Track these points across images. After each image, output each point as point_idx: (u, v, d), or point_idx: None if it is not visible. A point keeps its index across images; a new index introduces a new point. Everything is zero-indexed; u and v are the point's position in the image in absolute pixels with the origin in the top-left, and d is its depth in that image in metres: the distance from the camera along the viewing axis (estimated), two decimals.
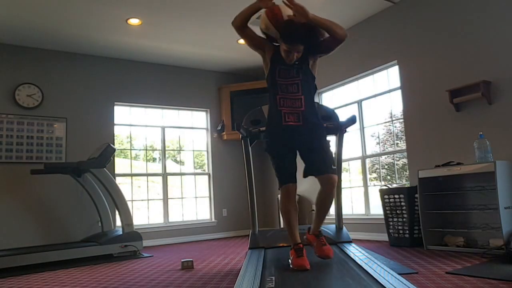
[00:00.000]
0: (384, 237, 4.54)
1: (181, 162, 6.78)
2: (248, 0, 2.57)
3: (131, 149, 6.31)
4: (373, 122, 5.27)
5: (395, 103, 4.94)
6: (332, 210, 5.78)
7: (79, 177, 4.94)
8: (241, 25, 2.60)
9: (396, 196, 4.30)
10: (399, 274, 2.24)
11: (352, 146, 5.41)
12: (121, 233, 4.67)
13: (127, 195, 5.22)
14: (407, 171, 4.68)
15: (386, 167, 5.44)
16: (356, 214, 5.36)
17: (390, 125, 5.20)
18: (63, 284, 3.19)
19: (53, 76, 5.50)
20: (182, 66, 6.52)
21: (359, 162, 5.40)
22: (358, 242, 4.26)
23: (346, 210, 5.15)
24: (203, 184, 6.64)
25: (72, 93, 5.59)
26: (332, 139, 3.43)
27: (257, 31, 2.70)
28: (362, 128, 5.34)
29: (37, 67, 5.40)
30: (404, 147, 4.71)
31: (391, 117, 5.09)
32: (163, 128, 6.43)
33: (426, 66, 4.41)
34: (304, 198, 5.96)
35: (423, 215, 3.93)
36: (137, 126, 6.23)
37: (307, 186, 5.16)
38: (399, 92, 4.74)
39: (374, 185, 5.26)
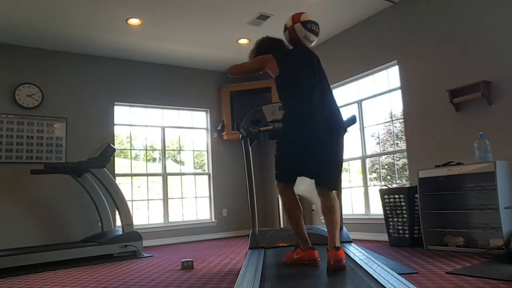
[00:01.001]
0: (384, 237, 4.54)
1: (181, 162, 6.78)
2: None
3: (131, 149, 6.31)
4: (373, 122, 5.27)
5: (395, 103, 4.94)
6: None
7: (79, 177, 4.94)
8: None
9: (396, 196, 4.31)
10: (399, 274, 2.24)
11: (352, 146, 5.41)
12: (121, 233, 4.67)
13: (127, 195, 5.22)
14: (407, 171, 4.68)
15: (386, 167, 5.45)
16: (356, 214, 5.36)
17: (390, 125, 5.20)
18: (63, 284, 3.19)
19: (53, 76, 5.50)
20: (182, 66, 6.52)
21: (359, 162, 5.40)
22: (358, 242, 4.26)
23: (346, 210, 5.16)
24: (203, 184, 6.64)
25: (72, 93, 5.59)
26: None
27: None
28: (362, 128, 5.34)
29: (37, 67, 5.40)
30: (404, 147, 4.71)
31: (391, 117, 5.09)
32: (163, 128, 6.43)
33: (426, 66, 4.41)
34: (304, 198, 5.97)
35: (423, 215, 3.93)
36: (137, 126, 6.23)
37: (307, 186, 5.17)
38: (399, 92, 4.74)
39: (374, 185, 5.26)
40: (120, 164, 6.14)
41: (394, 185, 4.76)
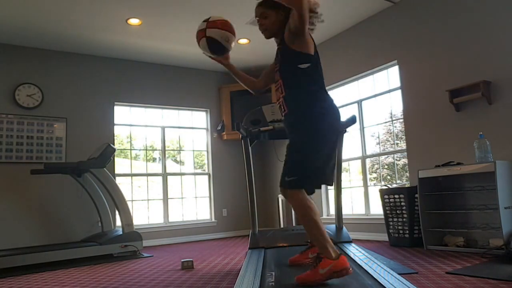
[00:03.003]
0: (384, 237, 4.54)
1: (181, 162, 6.78)
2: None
3: (131, 149, 6.31)
4: (373, 122, 5.27)
5: (395, 103, 4.94)
6: (332, 210, 5.77)
7: (79, 177, 4.94)
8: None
9: (396, 196, 4.31)
10: (399, 274, 2.25)
11: (352, 146, 5.41)
12: (121, 233, 4.67)
13: (127, 195, 5.22)
14: (407, 171, 4.68)
15: (386, 167, 5.44)
16: (356, 214, 5.36)
17: (390, 125, 5.20)
18: (63, 284, 3.19)
19: (53, 76, 5.50)
20: (182, 66, 6.52)
21: (359, 162, 5.40)
22: (358, 242, 4.26)
23: (346, 210, 5.16)
24: (203, 184, 6.64)
25: (72, 93, 5.59)
26: None
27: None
28: (362, 128, 5.34)
29: (37, 67, 5.40)
30: (404, 147, 4.71)
31: (391, 117, 5.09)
32: (163, 128, 6.43)
33: (426, 66, 4.41)
34: None
35: (423, 215, 3.93)
36: (137, 126, 6.23)
37: None
38: (399, 92, 4.74)
39: (374, 185, 5.26)
40: (120, 164, 6.14)
41: (394, 185, 4.76)
